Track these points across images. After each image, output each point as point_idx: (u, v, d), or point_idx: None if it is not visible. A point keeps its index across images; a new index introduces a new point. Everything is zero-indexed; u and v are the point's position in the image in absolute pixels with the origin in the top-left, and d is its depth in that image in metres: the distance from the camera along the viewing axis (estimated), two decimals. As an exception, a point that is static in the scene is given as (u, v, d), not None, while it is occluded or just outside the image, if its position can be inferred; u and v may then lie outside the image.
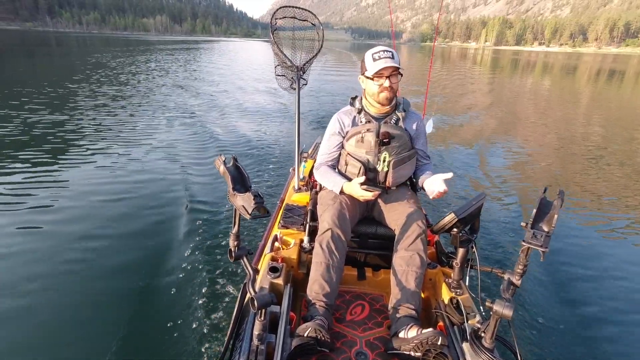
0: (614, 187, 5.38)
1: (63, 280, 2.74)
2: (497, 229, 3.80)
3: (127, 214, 3.77)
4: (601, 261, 3.46)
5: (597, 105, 14.17)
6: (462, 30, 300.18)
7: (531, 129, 9.21)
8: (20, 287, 2.65)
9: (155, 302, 2.54)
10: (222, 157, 1.22)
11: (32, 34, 74.06)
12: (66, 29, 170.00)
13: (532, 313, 2.61)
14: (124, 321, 2.34)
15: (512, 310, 1.24)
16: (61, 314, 2.42)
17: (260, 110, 9.44)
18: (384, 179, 1.98)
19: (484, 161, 6.32)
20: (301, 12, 2.68)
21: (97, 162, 5.15)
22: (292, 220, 2.26)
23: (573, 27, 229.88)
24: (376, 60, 1.85)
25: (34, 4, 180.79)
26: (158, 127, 7.30)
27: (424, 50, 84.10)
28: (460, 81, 19.68)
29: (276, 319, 1.54)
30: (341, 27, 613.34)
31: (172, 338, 2.22)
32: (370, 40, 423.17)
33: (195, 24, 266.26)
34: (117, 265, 2.94)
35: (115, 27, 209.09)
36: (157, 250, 3.15)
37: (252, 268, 1.31)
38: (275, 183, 4.64)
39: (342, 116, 2.04)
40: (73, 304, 2.52)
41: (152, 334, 2.25)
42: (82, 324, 2.35)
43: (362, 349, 1.63)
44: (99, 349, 2.13)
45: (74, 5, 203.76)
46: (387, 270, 1.97)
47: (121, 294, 2.63)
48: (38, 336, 2.26)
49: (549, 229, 1.21)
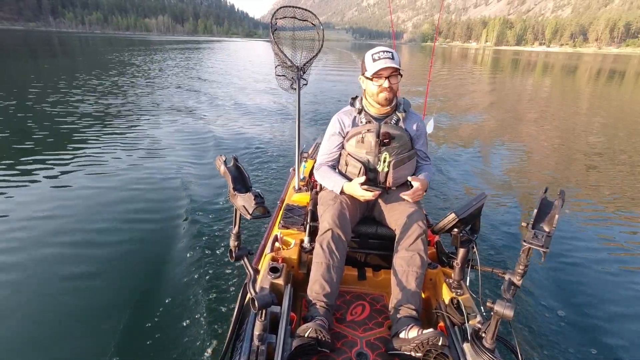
0: (615, 186, 5.37)
1: (63, 281, 2.74)
2: (497, 229, 3.79)
3: (127, 214, 3.77)
4: (603, 261, 3.45)
5: (598, 105, 14.15)
6: (463, 31, 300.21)
7: (532, 129, 9.20)
8: (20, 288, 2.65)
9: (155, 302, 2.54)
10: (223, 157, 1.22)
11: (35, 34, 74.26)
12: (69, 29, 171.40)
13: (533, 313, 2.61)
14: (125, 321, 2.34)
15: (513, 310, 1.24)
16: (61, 315, 2.42)
17: (261, 111, 9.44)
18: (384, 179, 1.98)
19: (485, 161, 6.31)
20: (301, 12, 2.67)
21: (95, 163, 5.15)
22: (293, 221, 2.26)
23: (573, 28, 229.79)
24: (376, 61, 1.86)
25: (37, 4, 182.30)
26: (158, 127, 7.31)
27: (424, 51, 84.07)
28: (461, 81, 19.68)
29: (277, 319, 1.54)
30: (342, 27, 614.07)
31: (173, 338, 2.22)
32: (371, 40, 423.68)
33: (197, 24, 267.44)
34: (117, 266, 2.94)
35: (118, 27, 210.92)
36: (158, 251, 3.15)
37: (252, 268, 1.31)
38: (275, 183, 4.64)
39: (342, 116, 2.04)
40: (73, 304, 2.52)
41: (152, 335, 2.24)
42: (83, 325, 2.35)
43: (362, 349, 1.62)
44: (99, 350, 2.12)
45: (77, 6, 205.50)
46: (387, 270, 1.96)
47: (121, 294, 2.62)
48: (38, 336, 2.26)
49: (549, 229, 1.21)
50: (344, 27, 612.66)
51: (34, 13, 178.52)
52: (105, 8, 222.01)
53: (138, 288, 2.68)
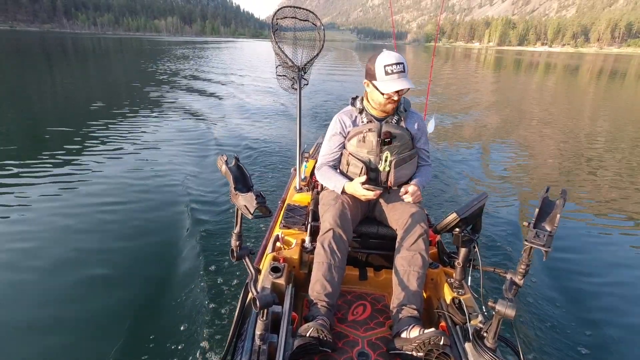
0: (617, 186, 5.35)
1: (63, 282, 2.75)
2: (499, 228, 3.78)
3: (128, 214, 3.79)
4: (604, 261, 3.44)
5: (600, 104, 14.10)
6: (466, 31, 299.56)
7: (534, 128, 9.16)
8: (23, 292, 2.67)
9: (156, 302, 2.55)
10: (224, 157, 1.23)
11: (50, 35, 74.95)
12: (82, 30, 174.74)
13: (534, 313, 2.60)
14: (126, 321, 2.35)
15: (514, 310, 1.23)
16: (61, 316, 2.43)
17: (262, 111, 9.45)
18: (386, 178, 1.97)
19: (486, 160, 6.30)
20: (302, 12, 2.68)
21: (94, 163, 5.17)
22: (294, 221, 2.26)
23: (575, 28, 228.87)
24: (389, 74, 1.78)
25: (51, 6, 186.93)
26: (158, 126, 7.33)
27: (428, 51, 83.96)
28: (464, 80, 19.64)
29: (278, 319, 1.54)
30: (347, 28, 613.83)
31: (174, 338, 2.22)
32: (375, 40, 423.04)
33: (205, 24, 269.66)
34: (118, 266, 2.95)
35: (128, 28, 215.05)
36: (158, 251, 3.17)
37: (254, 268, 1.31)
38: (276, 183, 4.64)
39: (343, 116, 2.04)
40: (74, 305, 2.54)
41: (153, 334, 2.25)
42: (84, 325, 2.36)
43: (364, 349, 1.62)
44: (101, 350, 2.13)
45: (89, 8, 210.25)
46: (388, 270, 1.96)
47: (122, 294, 2.63)
48: (38, 336, 2.27)
49: (551, 229, 1.21)
50: (349, 28, 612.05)
51: (49, 15, 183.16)
52: (116, 10, 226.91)
53: (140, 288, 2.69)
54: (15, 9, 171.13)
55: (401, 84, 1.78)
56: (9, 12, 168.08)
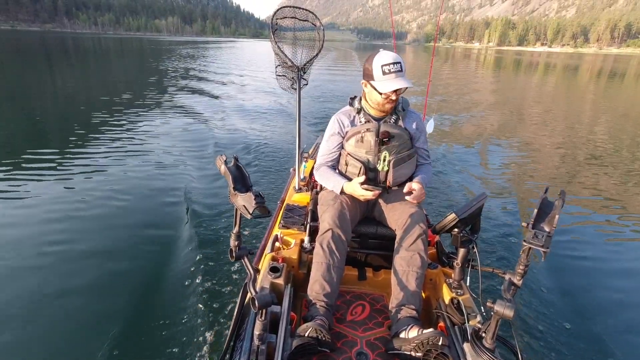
0: (616, 186, 5.35)
1: (61, 282, 2.75)
2: (498, 229, 3.78)
3: (126, 213, 3.79)
4: (603, 261, 3.44)
5: (600, 104, 14.09)
6: (466, 31, 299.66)
7: (533, 128, 9.17)
8: (20, 293, 2.66)
9: (155, 302, 2.55)
10: (223, 157, 1.22)
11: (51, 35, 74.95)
12: (83, 30, 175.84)
13: (533, 313, 2.60)
14: (125, 321, 2.35)
15: (513, 310, 1.23)
16: (61, 316, 2.43)
17: (262, 110, 9.45)
18: (385, 178, 1.97)
19: (485, 160, 6.30)
20: (302, 12, 2.68)
21: (93, 163, 5.17)
22: (293, 221, 2.26)
23: (575, 28, 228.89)
24: (386, 74, 1.79)
25: (52, 6, 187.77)
26: (158, 126, 7.33)
27: (428, 51, 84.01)
28: (464, 80, 19.63)
29: (277, 319, 1.54)
30: (347, 28, 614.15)
31: (173, 338, 2.22)
32: (375, 40, 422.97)
33: (205, 24, 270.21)
34: (117, 266, 2.95)
35: (129, 28, 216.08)
36: (158, 251, 3.16)
37: (252, 268, 1.31)
38: (275, 183, 4.64)
39: (341, 116, 2.03)
40: (72, 305, 2.53)
41: (153, 335, 2.25)
42: (82, 325, 2.36)
43: (362, 349, 1.62)
44: (99, 350, 2.13)
45: (90, 7, 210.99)
46: (387, 270, 1.96)
47: (122, 294, 2.63)
48: (38, 337, 2.27)
49: (550, 229, 1.21)
50: (349, 28, 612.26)
51: (50, 15, 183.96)
52: (117, 10, 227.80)
53: (138, 288, 2.69)
54: (17, 8, 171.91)
55: (399, 83, 1.79)
56: (10, 12, 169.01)
